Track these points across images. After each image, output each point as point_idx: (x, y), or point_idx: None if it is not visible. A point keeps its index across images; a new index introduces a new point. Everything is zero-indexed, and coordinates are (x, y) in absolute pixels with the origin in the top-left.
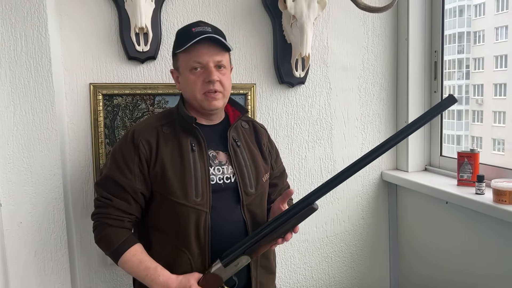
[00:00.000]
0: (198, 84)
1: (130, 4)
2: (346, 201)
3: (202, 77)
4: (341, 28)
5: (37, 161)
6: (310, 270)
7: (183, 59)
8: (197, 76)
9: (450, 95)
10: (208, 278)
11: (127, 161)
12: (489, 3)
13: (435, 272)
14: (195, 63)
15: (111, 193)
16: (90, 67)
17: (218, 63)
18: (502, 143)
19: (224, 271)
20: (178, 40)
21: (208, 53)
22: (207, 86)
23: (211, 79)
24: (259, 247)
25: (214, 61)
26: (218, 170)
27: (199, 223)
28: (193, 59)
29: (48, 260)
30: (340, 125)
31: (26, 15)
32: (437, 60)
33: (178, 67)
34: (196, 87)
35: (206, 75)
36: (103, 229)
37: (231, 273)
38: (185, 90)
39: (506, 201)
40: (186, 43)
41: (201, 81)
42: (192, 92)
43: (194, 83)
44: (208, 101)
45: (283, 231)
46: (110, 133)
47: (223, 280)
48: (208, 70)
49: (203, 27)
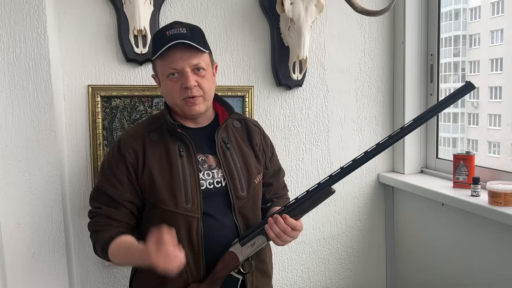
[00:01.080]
0: (176, 91)
1: (128, 6)
2: (342, 203)
3: (179, 82)
4: (338, 31)
5: (35, 163)
6: (307, 272)
7: (160, 65)
8: (174, 82)
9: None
10: (225, 258)
11: (115, 172)
12: (485, 6)
13: (431, 273)
14: (171, 69)
15: (101, 203)
16: (88, 69)
17: (195, 66)
18: (498, 145)
19: (241, 250)
20: (153, 45)
21: (182, 58)
22: (185, 93)
23: (187, 85)
24: None
25: (190, 65)
26: (208, 174)
27: (191, 229)
28: (168, 66)
29: (46, 262)
30: (337, 127)
31: (25, 17)
32: (433, 63)
33: (156, 72)
34: (174, 94)
35: (183, 81)
36: (93, 237)
37: (248, 253)
38: (166, 96)
39: (501, 203)
40: (160, 49)
41: (179, 87)
42: (172, 98)
43: (172, 90)
44: (188, 106)
45: (299, 211)
46: (108, 135)
47: (240, 259)
48: (184, 75)
49: (178, 28)
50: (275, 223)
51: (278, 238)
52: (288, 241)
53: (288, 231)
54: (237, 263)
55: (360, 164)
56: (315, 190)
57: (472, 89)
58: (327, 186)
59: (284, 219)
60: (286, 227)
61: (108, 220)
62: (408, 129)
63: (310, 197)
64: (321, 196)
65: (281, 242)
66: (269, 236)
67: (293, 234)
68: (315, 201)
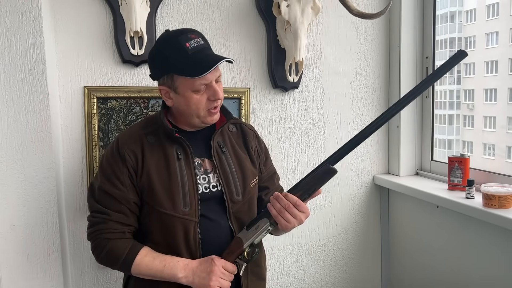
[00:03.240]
0: (203, 103)
1: (125, 7)
2: (338, 205)
3: (206, 95)
4: (334, 34)
5: (31, 164)
6: (303, 274)
7: (186, 81)
8: (201, 95)
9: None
10: (232, 243)
11: (116, 173)
12: (480, 9)
13: (426, 275)
14: (201, 85)
15: (106, 207)
16: (84, 70)
17: (218, 78)
18: (493, 148)
19: (245, 234)
20: (173, 59)
21: (212, 72)
22: (212, 104)
23: (219, 97)
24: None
25: (215, 77)
26: (204, 179)
27: (188, 233)
28: (199, 82)
29: (40, 263)
30: (333, 129)
31: (21, 18)
32: (428, 65)
33: (175, 87)
34: (200, 106)
35: (211, 94)
36: (105, 245)
37: (251, 237)
38: (187, 109)
39: (496, 205)
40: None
41: (206, 100)
42: (196, 110)
43: (199, 102)
44: (211, 116)
45: (299, 189)
46: (104, 136)
47: (244, 244)
48: (212, 88)
49: (196, 39)
50: (276, 200)
51: (280, 215)
52: (291, 222)
53: (289, 207)
54: (241, 247)
55: (358, 142)
56: (316, 169)
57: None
58: (327, 164)
59: (285, 195)
60: (287, 203)
61: (119, 226)
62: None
63: (310, 176)
64: (321, 173)
65: (284, 222)
66: (271, 213)
67: (294, 211)
68: (316, 179)
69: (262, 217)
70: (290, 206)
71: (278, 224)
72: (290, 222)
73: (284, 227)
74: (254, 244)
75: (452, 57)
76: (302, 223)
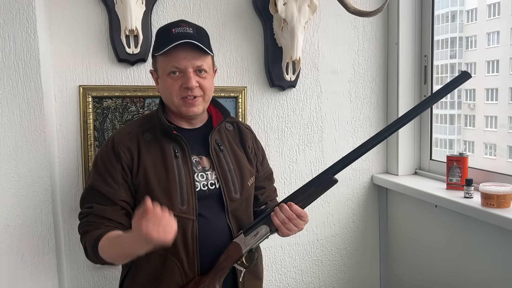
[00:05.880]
0: (175, 89)
1: (120, 6)
2: (336, 205)
3: (180, 81)
4: (331, 32)
5: (25, 164)
6: (301, 274)
7: (162, 62)
8: (175, 80)
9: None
10: (229, 248)
11: (109, 171)
12: (481, 8)
13: (425, 274)
14: (173, 67)
15: (93, 202)
16: (79, 69)
17: (198, 68)
18: (494, 147)
19: (244, 240)
20: (157, 40)
21: (187, 58)
22: (185, 92)
23: (189, 85)
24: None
25: (193, 66)
26: (202, 176)
27: (186, 231)
28: (171, 64)
29: (35, 264)
30: (331, 128)
31: (15, 16)
32: (427, 64)
33: (156, 69)
34: (173, 91)
35: (184, 81)
36: (83, 239)
37: (251, 244)
38: (163, 93)
39: (494, 205)
40: (165, 46)
41: (179, 86)
42: (170, 96)
43: (171, 87)
44: (186, 106)
45: (302, 199)
46: (100, 136)
47: (243, 250)
48: (186, 75)
49: (184, 27)
50: (281, 210)
51: (283, 225)
52: (293, 230)
53: (294, 218)
54: (240, 253)
55: (362, 153)
56: (317, 179)
57: (468, 78)
58: (329, 175)
59: (290, 206)
60: (292, 214)
61: (99, 219)
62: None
63: (312, 186)
64: (323, 184)
65: (286, 231)
66: (275, 222)
67: (298, 222)
68: (317, 189)
69: (262, 223)
70: (295, 218)
71: (279, 232)
72: (293, 231)
73: (286, 235)
74: (253, 249)
75: (455, 78)
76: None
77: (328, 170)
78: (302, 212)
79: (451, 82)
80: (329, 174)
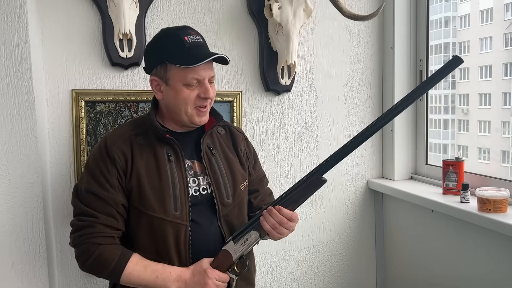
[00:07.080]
0: (191, 99)
1: (114, 9)
2: (332, 210)
3: (197, 91)
4: (327, 36)
5: (16, 169)
6: (296, 280)
7: (178, 72)
8: (192, 90)
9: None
10: (219, 256)
11: (104, 174)
12: (474, 14)
13: (421, 280)
14: (193, 79)
15: (94, 209)
16: (72, 73)
17: (212, 78)
18: (487, 152)
19: (234, 247)
20: (169, 48)
21: (205, 69)
22: (201, 102)
23: (209, 96)
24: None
25: (209, 76)
26: (193, 181)
27: (179, 237)
28: (191, 75)
29: (26, 272)
30: (326, 133)
31: (6, 20)
32: (422, 69)
33: (167, 78)
34: (189, 101)
35: (202, 91)
36: (93, 251)
37: (241, 251)
38: (175, 103)
39: (491, 210)
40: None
41: (195, 96)
42: (185, 105)
43: (188, 97)
44: (199, 116)
45: (292, 201)
46: (93, 141)
47: (233, 257)
48: (204, 86)
49: (195, 36)
50: (270, 215)
51: (274, 230)
52: (284, 234)
53: (284, 222)
54: (230, 261)
55: (350, 150)
56: (306, 179)
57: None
58: (318, 175)
59: (279, 210)
60: (282, 219)
61: (108, 230)
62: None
63: (301, 187)
64: (312, 184)
65: (278, 235)
66: (265, 228)
67: (289, 225)
68: (306, 190)
69: (250, 229)
70: (286, 222)
71: (270, 236)
72: (284, 234)
73: (277, 239)
74: (244, 256)
75: (447, 63)
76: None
77: (316, 170)
78: (293, 215)
79: (442, 68)
80: (317, 174)
